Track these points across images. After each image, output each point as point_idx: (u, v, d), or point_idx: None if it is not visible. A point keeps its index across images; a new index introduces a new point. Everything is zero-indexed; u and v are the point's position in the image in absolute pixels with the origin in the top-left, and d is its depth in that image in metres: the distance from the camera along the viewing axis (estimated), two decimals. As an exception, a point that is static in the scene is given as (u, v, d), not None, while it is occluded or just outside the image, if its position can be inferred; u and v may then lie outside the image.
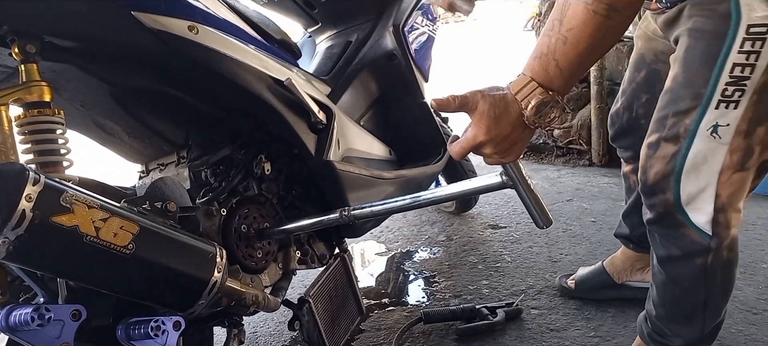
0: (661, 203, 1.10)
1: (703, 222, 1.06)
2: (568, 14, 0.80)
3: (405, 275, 2.15)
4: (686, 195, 1.06)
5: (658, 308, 1.24)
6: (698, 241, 1.09)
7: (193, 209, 1.12)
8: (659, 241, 1.17)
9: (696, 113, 1.00)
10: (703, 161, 1.02)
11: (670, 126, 1.04)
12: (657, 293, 1.23)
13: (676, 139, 1.04)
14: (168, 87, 1.18)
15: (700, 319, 1.19)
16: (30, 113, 0.97)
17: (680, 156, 1.04)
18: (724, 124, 0.98)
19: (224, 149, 1.34)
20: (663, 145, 1.06)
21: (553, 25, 0.82)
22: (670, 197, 1.08)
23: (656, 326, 1.26)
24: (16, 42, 0.95)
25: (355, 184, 1.50)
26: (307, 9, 1.83)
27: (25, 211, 0.75)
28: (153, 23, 1.04)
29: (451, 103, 0.85)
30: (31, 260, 0.81)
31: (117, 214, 0.86)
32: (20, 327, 0.78)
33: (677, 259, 1.13)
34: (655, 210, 1.12)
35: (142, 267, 0.88)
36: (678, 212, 1.08)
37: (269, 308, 1.20)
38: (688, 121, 1.01)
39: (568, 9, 0.80)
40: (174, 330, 0.89)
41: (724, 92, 0.96)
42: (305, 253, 1.47)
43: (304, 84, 1.44)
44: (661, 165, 1.07)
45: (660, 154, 1.07)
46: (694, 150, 1.02)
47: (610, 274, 1.73)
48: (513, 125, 0.82)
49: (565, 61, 0.81)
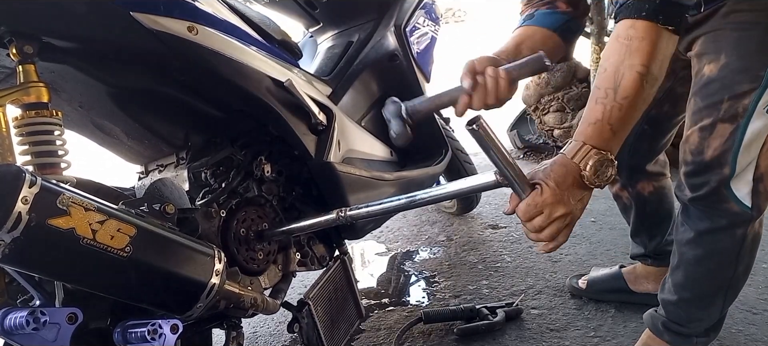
0: (717, 178, 1.14)
1: (744, 193, 1.14)
2: (623, 85, 0.90)
3: (405, 275, 2.15)
4: (739, 169, 1.13)
5: (683, 292, 1.27)
6: (740, 212, 1.16)
7: (192, 211, 1.11)
8: (700, 215, 1.21)
9: (755, 94, 1.07)
10: (756, 136, 1.10)
11: (727, 109, 1.10)
12: (685, 273, 1.27)
13: (734, 119, 1.10)
14: (167, 88, 1.18)
15: (721, 298, 1.26)
16: (28, 114, 0.97)
17: (739, 133, 1.10)
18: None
19: (224, 150, 1.33)
20: (720, 126, 1.12)
21: (606, 93, 0.92)
22: (727, 172, 1.13)
23: (674, 314, 1.30)
24: (14, 42, 0.95)
25: (356, 185, 1.49)
26: (309, 9, 1.82)
27: (21, 213, 0.75)
28: (152, 24, 1.03)
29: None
30: (27, 263, 0.81)
31: (114, 216, 0.85)
32: (15, 331, 0.77)
33: (721, 229, 1.19)
34: (707, 186, 1.16)
35: (139, 270, 0.87)
36: (726, 187, 1.14)
37: (268, 310, 1.20)
38: (747, 101, 1.08)
39: (621, 79, 0.91)
40: (171, 333, 0.89)
41: None
42: (305, 255, 1.47)
43: (304, 85, 1.44)
44: (719, 142, 1.12)
45: (717, 134, 1.12)
46: (752, 127, 1.09)
47: (626, 281, 1.72)
48: (573, 183, 0.89)
49: (619, 125, 0.91)
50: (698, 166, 1.17)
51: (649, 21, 0.91)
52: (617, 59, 0.93)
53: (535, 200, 0.87)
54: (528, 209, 0.88)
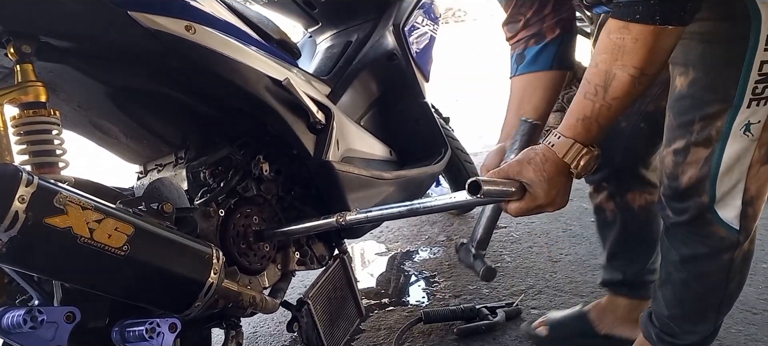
0: (696, 206, 1.09)
1: (731, 217, 1.07)
2: (614, 85, 0.87)
3: (405, 275, 2.14)
4: (720, 195, 1.07)
5: (673, 308, 1.22)
6: (726, 237, 1.09)
7: (191, 210, 1.11)
8: (683, 240, 1.16)
9: (728, 115, 1.01)
10: (737, 160, 1.03)
11: (699, 130, 1.04)
12: (674, 293, 1.21)
13: (709, 143, 1.04)
14: (165, 87, 1.18)
15: (714, 313, 1.20)
16: (25, 114, 0.97)
17: (715, 158, 1.04)
18: (756, 122, 1.00)
19: (222, 150, 1.33)
20: (694, 149, 1.06)
21: (596, 90, 0.89)
22: (705, 200, 1.07)
23: (667, 327, 1.24)
24: (11, 42, 0.95)
25: (355, 184, 1.49)
26: (307, 9, 1.83)
27: (18, 212, 0.75)
28: (150, 23, 1.03)
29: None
30: (25, 262, 0.81)
31: (111, 215, 0.85)
32: (13, 330, 0.77)
33: (704, 256, 1.13)
34: (687, 213, 1.11)
35: (137, 269, 0.87)
36: (709, 211, 1.09)
37: (267, 309, 1.20)
38: (720, 123, 1.02)
39: (612, 79, 0.87)
40: (170, 332, 0.89)
41: (754, 90, 0.98)
42: (304, 254, 1.46)
43: (303, 84, 1.44)
44: (694, 170, 1.07)
45: (692, 159, 1.07)
46: (729, 151, 1.03)
47: (592, 322, 1.54)
48: (564, 181, 0.93)
49: (607, 123, 0.91)
50: (675, 192, 1.12)
51: (644, 24, 0.83)
52: (609, 58, 0.87)
53: (529, 206, 0.93)
54: (520, 212, 0.94)
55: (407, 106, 1.94)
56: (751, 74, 0.97)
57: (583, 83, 0.92)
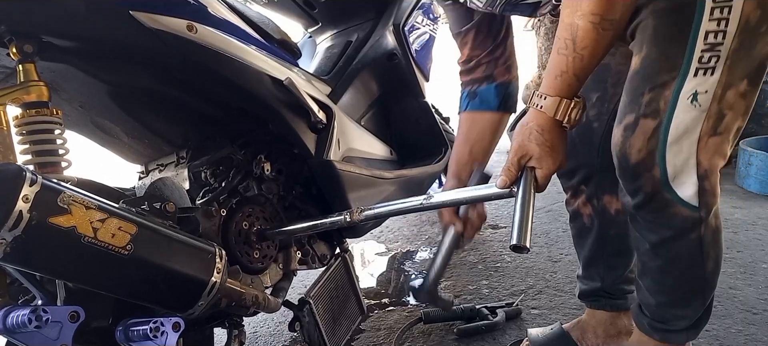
0: (649, 182, 1.08)
1: (690, 194, 1.07)
2: (579, 35, 0.92)
3: (405, 275, 2.15)
4: (672, 169, 1.05)
5: (658, 296, 1.21)
6: (688, 216, 1.08)
7: (193, 210, 1.11)
8: (648, 226, 1.14)
9: (675, 83, 1.01)
10: (685, 131, 1.03)
11: (648, 102, 1.04)
12: (653, 281, 1.20)
13: (656, 113, 1.03)
14: (167, 87, 1.18)
15: (700, 294, 1.19)
16: (28, 113, 0.97)
17: (662, 129, 1.03)
18: (703, 92, 1.00)
19: (224, 149, 1.33)
20: (642, 121, 1.05)
21: (566, 44, 0.93)
22: (656, 174, 1.06)
23: (657, 315, 1.23)
24: (14, 42, 0.95)
25: (356, 183, 1.49)
26: (307, 9, 1.83)
27: (22, 212, 0.75)
28: (152, 22, 1.03)
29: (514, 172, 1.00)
30: (29, 262, 0.81)
31: (115, 214, 0.85)
32: (18, 329, 0.77)
33: (671, 239, 1.12)
34: (642, 192, 1.10)
35: (140, 268, 0.88)
36: (666, 190, 1.07)
37: (269, 308, 1.20)
38: (668, 92, 1.02)
39: (577, 30, 0.91)
40: (173, 331, 0.89)
41: (700, 59, 0.99)
42: (306, 253, 1.47)
43: (304, 84, 1.44)
44: (642, 141, 1.06)
45: (640, 131, 1.06)
46: (676, 121, 1.02)
47: (576, 341, 1.49)
48: (563, 138, 1.00)
49: (583, 74, 0.95)
50: (625, 171, 1.10)
51: None
52: (570, 10, 0.92)
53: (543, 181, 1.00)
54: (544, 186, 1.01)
55: (407, 105, 1.95)
56: (697, 43, 0.98)
57: (556, 40, 0.95)
